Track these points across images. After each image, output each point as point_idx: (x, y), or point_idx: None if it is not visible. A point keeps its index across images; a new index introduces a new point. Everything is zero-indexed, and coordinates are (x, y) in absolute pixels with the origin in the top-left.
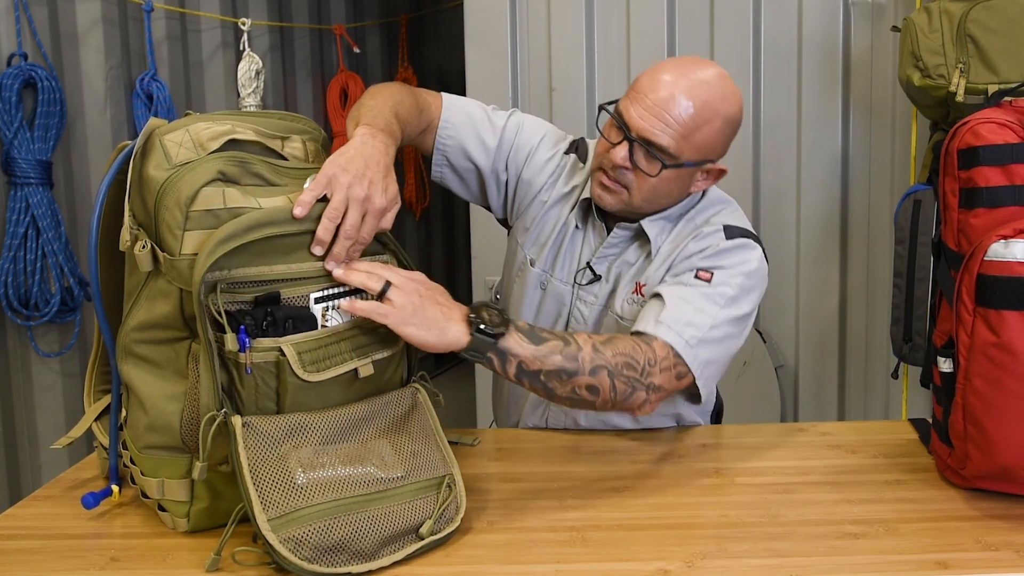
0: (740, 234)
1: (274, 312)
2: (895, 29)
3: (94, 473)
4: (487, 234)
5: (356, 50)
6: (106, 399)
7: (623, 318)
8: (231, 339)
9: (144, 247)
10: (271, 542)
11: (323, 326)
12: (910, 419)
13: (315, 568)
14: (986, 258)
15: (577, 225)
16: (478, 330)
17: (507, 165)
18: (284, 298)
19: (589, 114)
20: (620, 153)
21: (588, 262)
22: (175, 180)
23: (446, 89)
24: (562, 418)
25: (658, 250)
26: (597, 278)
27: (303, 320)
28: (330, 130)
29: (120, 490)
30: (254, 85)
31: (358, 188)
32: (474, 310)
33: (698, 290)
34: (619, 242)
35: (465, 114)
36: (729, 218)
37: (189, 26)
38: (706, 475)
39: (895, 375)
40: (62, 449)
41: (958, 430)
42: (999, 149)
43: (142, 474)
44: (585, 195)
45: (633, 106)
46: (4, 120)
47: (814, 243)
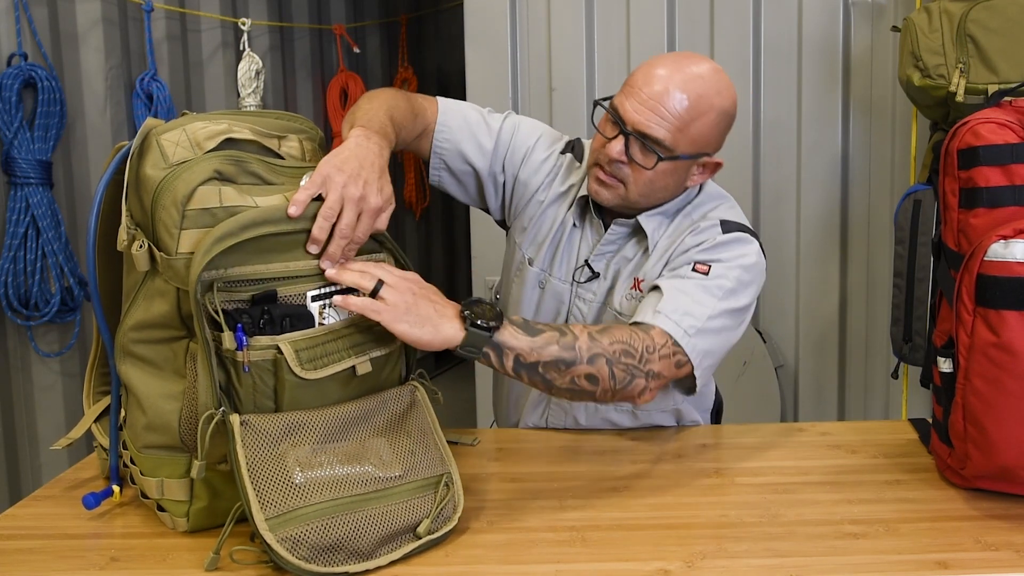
0: (737, 228)
1: (271, 310)
2: (895, 29)
3: (94, 473)
4: (487, 234)
5: (356, 50)
6: (105, 400)
7: (622, 314)
8: (228, 338)
9: (141, 247)
10: (269, 542)
11: (320, 324)
12: (910, 419)
13: (313, 567)
14: (986, 258)
15: (575, 223)
16: (473, 324)
17: (504, 166)
18: (281, 297)
19: (589, 114)
20: (616, 147)
21: (586, 260)
22: (172, 179)
23: (446, 89)
24: (562, 417)
25: (655, 245)
26: (595, 275)
27: (300, 318)
28: (330, 130)
29: (120, 490)
30: (254, 85)
31: (353, 188)
32: (467, 306)
33: (696, 282)
34: (617, 239)
35: (461, 117)
36: (726, 213)
37: (189, 26)
38: (706, 475)
39: (895, 375)
40: (62, 449)
41: (958, 430)
42: (999, 149)
43: (141, 474)
44: (582, 193)
45: (628, 100)
46: (4, 120)
47: (814, 243)
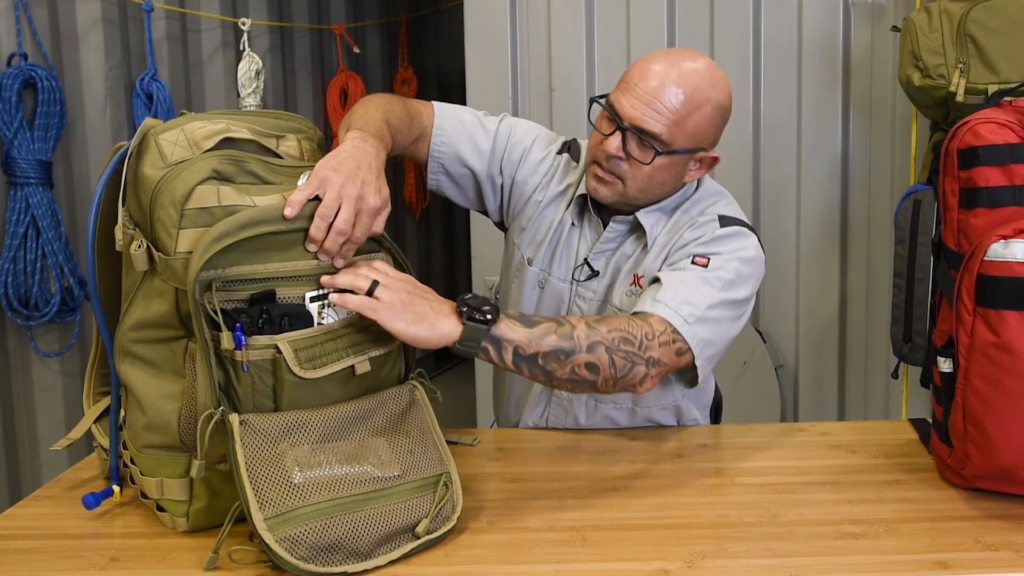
0: (735, 223)
1: (270, 310)
2: (895, 29)
3: (94, 473)
4: (487, 234)
5: (356, 50)
6: (105, 401)
7: (622, 311)
8: (227, 337)
9: (140, 246)
10: (267, 541)
11: (319, 324)
12: (910, 419)
13: (311, 567)
14: (986, 258)
15: (573, 222)
16: (469, 318)
17: (502, 168)
18: (279, 297)
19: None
20: (614, 143)
21: (586, 258)
22: (170, 179)
23: (446, 89)
24: (562, 416)
25: (654, 241)
26: (595, 274)
27: (299, 317)
28: (330, 130)
29: (120, 490)
30: (254, 85)
31: (351, 187)
32: (462, 302)
33: (695, 273)
34: (616, 236)
35: (457, 120)
36: (724, 209)
37: (189, 26)
38: (706, 475)
39: (895, 375)
40: (62, 450)
41: (958, 430)
42: (999, 149)
43: (141, 474)
44: (581, 191)
45: (624, 96)
46: (4, 120)
47: (814, 243)
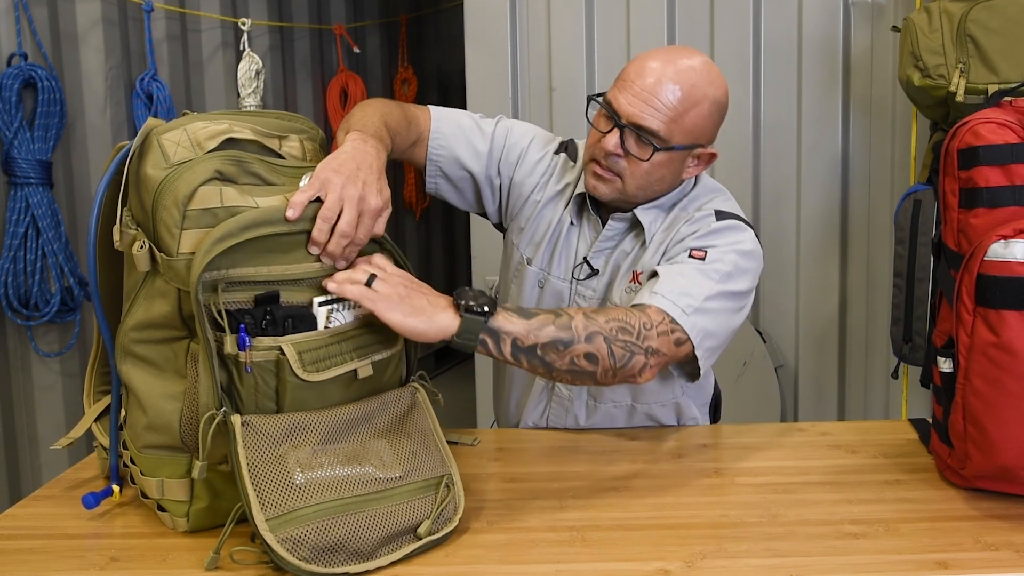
0: (731, 217)
1: (273, 311)
2: (895, 29)
3: (94, 473)
4: (487, 234)
5: (356, 50)
6: (106, 400)
7: None
8: (230, 341)
9: (142, 247)
10: (269, 542)
11: (325, 327)
12: (910, 419)
13: (313, 568)
14: (986, 258)
15: (572, 221)
16: (467, 310)
17: (499, 169)
18: (283, 299)
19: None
20: (612, 140)
21: (585, 257)
22: (172, 179)
23: (446, 89)
24: (563, 416)
25: (652, 237)
26: (594, 272)
27: (303, 319)
28: (330, 130)
29: (120, 490)
30: (254, 85)
31: (352, 188)
32: (459, 295)
33: (692, 266)
34: (615, 234)
35: (454, 123)
36: (721, 204)
37: (189, 26)
38: (706, 475)
39: (895, 375)
40: (62, 449)
41: (958, 430)
42: (999, 149)
43: (142, 474)
44: (579, 190)
45: (622, 94)
46: (4, 120)
47: (814, 243)
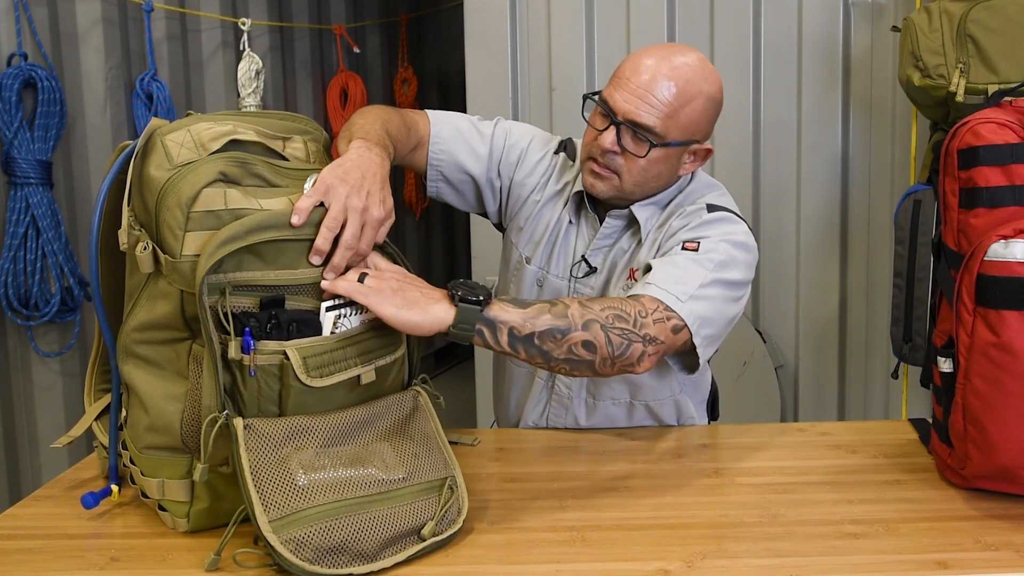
0: (722, 210)
1: (278, 315)
2: (895, 29)
3: (94, 473)
4: (487, 234)
5: (356, 50)
6: (106, 398)
7: None
8: (235, 346)
9: (145, 248)
10: (272, 543)
11: (332, 332)
12: (910, 419)
13: (317, 569)
14: (986, 258)
15: (570, 220)
16: (462, 300)
17: (500, 171)
18: (288, 305)
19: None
20: (608, 138)
21: (583, 255)
22: (176, 180)
23: (446, 89)
24: (563, 415)
25: (647, 235)
26: (593, 270)
27: (307, 324)
28: (330, 130)
29: (120, 490)
30: (254, 85)
31: (356, 199)
32: (453, 286)
33: (686, 257)
34: (612, 232)
35: (453, 127)
36: (715, 199)
37: (189, 26)
38: (706, 475)
39: (895, 375)
40: (62, 449)
41: (958, 430)
42: (999, 149)
43: (142, 474)
44: (577, 188)
45: (617, 91)
46: (4, 120)
47: (814, 243)
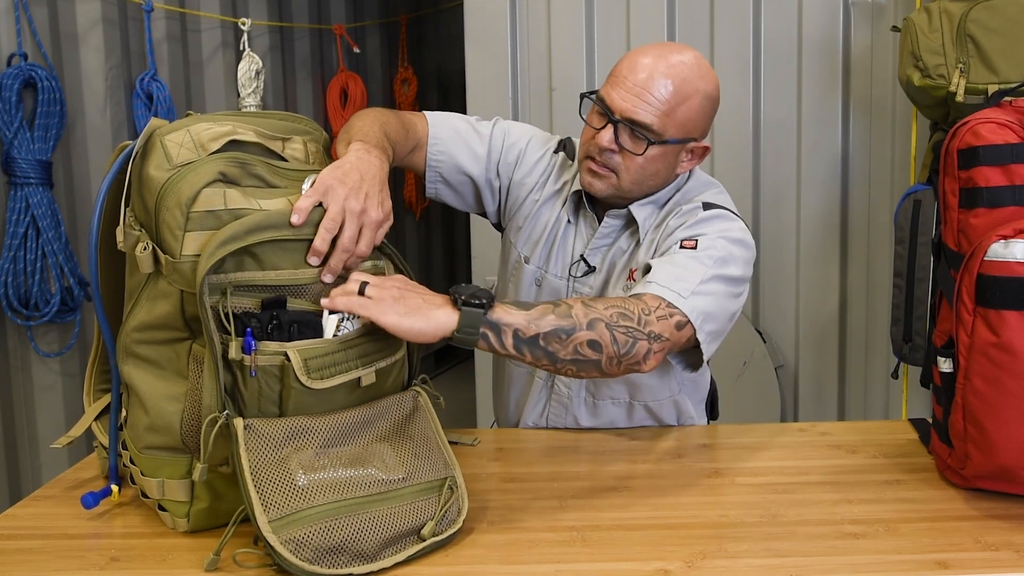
0: (718, 208)
1: (280, 316)
2: (895, 29)
3: (94, 473)
4: (487, 234)
5: (356, 50)
6: (106, 398)
7: None
8: (235, 346)
9: (145, 248)
10: (272, 543)
11: (334, 335)
12: (910, 419)
13: (316, 569)
14: (986, 258)
15: (569, 220)
16: (465, 303)
17: (498, 171)
18: (289, 306)
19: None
20: (606, 136)
21: (582, 254)
22: (176, 180)
23: (446, 90)
24: (563, 415)
25: (646, 234)
26: (591, 270)
27: (308, 325)
28: (330, 130)
29: (120, 490)
30: (254, 85)
31: (354, 201)
32: (455, 291)
33: (685, 255)
34: (611, 231)
35: (451, 128)
36: (711, 198)
37: (189, 26)
38: (706, 475)
39: (895, 375)
40: (62, 449)
41: (958, 430)
42: (999, 149)
43: (142, 474)
44: (575, 188)
45: (615, 90)
46: (4, 120)
47: (814, 243)
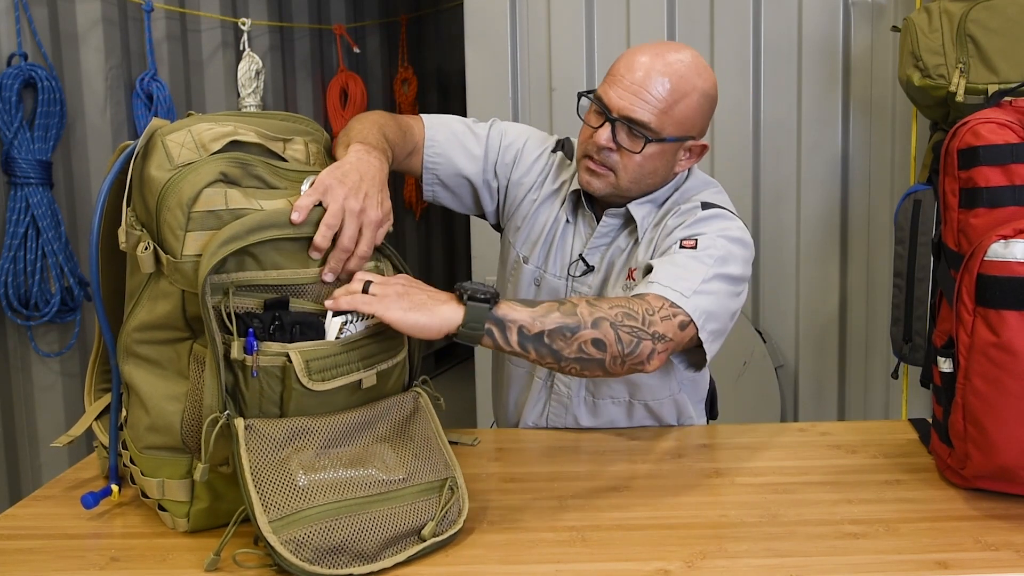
0: (716, 207)
1: (282, 316)
2: (895, 29)
3: (94, 473)
4: (487, 234)
5: (356, 50)
6: (106, 398)
7: None
8: (238, 346)
9: (146, 248)
10: (272, 544)
11: (337, 338)
12: (910, 419)
13: (317, 569)
14: (986, 258)
15: (568, 219)
16: (471, 298)
17: (496, 172)
18: (291, 307)
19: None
20: (604, 134)
21: (581, 254)
22: (177, 180)
23: (446, 89)
24: (563, 415)
25: (644, 233)
26: (590, 269)
27: (310, 326)
28: (330, 130)
29: (120, 490)
30: (254, 85)
31: (354, 201)
32: (460, 287)
33: (685, 255)
34: (609, 231)
35: (448, 130)
36: (709, 197)
37: (189, 26)
38: (706, 475)
39: (895, 375)
40: (62, 449)
41: (958, 430)
42: (999, 149)
43: (142, 474)
44: (574, 187)
45: (612, 88)
46: (4, 120)
47: (814, 243)
